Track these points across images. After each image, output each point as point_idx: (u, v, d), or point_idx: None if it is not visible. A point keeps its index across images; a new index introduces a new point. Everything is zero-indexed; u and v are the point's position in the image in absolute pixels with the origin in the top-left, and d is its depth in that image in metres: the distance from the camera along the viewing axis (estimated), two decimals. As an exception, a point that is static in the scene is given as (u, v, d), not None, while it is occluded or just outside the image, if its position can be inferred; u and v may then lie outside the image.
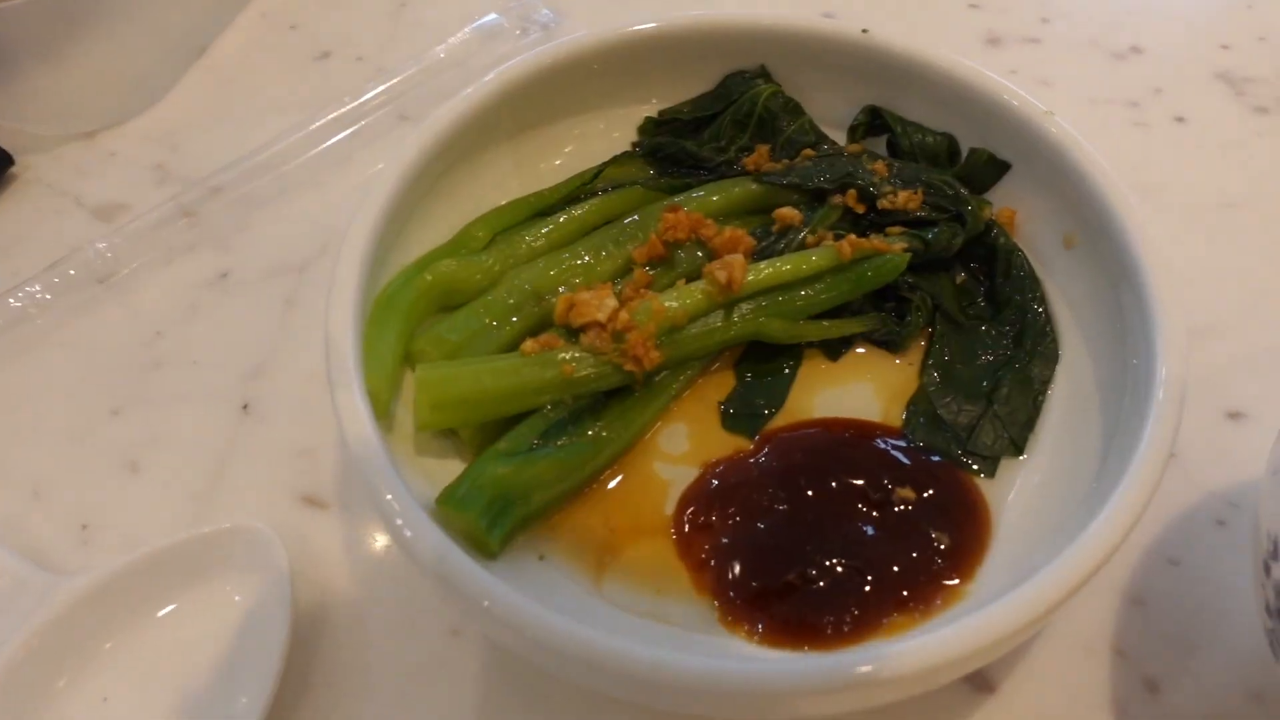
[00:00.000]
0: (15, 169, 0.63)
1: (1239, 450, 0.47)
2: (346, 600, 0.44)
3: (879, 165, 0.50)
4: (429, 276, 0.46)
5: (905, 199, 0.49)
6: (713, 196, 0.50)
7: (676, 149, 0.53)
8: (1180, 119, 0.62)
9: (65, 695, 0.41)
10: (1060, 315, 0.47)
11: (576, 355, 0.43)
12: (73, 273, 0.56)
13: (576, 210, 0.50)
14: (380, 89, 0.64)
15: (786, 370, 0.47)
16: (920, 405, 0.46)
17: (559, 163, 0.54)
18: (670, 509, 0.43)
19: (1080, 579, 0.34)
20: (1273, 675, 0.40)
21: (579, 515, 0.43)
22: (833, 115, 0.54)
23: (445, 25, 0.68)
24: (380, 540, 0.46)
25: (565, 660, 0.34)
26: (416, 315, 0.46)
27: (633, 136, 0.55)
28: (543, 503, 0.42)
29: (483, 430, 0.43)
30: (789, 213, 0.49)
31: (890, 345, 0.48)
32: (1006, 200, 0.50)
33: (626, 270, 0.48)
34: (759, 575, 0.40)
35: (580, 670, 0.34)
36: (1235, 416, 0.49)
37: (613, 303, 0.44)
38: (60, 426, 0.51)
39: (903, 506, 0.42)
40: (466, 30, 0.68)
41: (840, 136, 0.54)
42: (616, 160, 0.53)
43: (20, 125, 0.64)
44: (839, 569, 0.40)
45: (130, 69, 0.66)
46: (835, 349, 0.48)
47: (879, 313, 0.48)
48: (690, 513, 0.42)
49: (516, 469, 0.41)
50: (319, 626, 0.43)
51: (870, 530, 0.41)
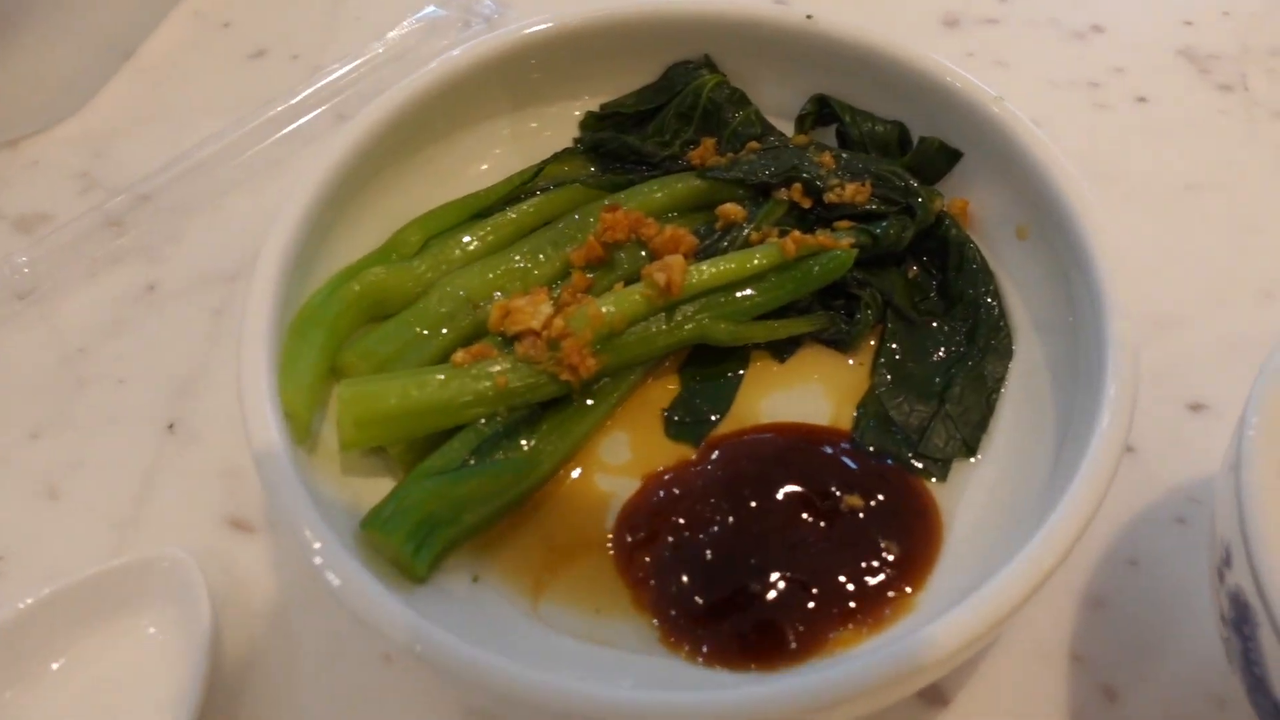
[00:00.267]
0: (-68, 179, 0.60)
1: (1200, 443, 0.46)
2: (274, 628, 0.42)
3: (826, 157, 0.48)
4: (357, 286, 0.44)
5: (853, 192, 0.47)
6: (655, 193, 0.48)
7: (619, 144, 0.51)
8: (1142, 99, 0.61)
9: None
10: (1014, 309, 0.46)
11: (510, 365, 0.41)
12: (-10, 288, 0.53)
13: (514, 212, 0.48)
14: (316, 86, 0.62)
15: (732, 374, 0.45)
16: (870, 407, 0.44)
17: (485, 167, 0.52)
18: (611, 523, 0.41)
19: (1033, 584, 0.33)
20: (1234, 680, 0.39)
21: (516, 533, 0.41)
22: (781, 105, 0.52)
23: (385, 22, 0.66)
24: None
25: (490, 695, 0.32)
26: (343, 327, 0.44)
27: (570, 134, 0.53)
28: (475, 522, 0.40)
29: (413, 447, 0.41)
30: (732, 209, 0.47)
31: (840, 344, 0.46)
32: (959, 190, 0.49)
33: (565, 274, 0.46)
34: (701, 592, 0.39)
35: (507, 705, 0.33)
36: (1197, 408, 0.47)
37: (548, 309, 0.43)
38: (-24, 452, 0.49)
39: (851, 515, 0.40)
40: (406, 24, 0.65)
41: (789, 127, 0.52)
42: (557, 157, 0.52)
43: (-64, 134, 0.61)
44: (784, 583, 0.38)
45: (54, 72, 0.63)
46: (783, 350, 0.46)
47: (828, 311, 0.46)
48: (631, 527, 0.41)
49: (446, 487, 0.39)
50: (245, 656, 0.41)
51: (817, 541, 0.39)
